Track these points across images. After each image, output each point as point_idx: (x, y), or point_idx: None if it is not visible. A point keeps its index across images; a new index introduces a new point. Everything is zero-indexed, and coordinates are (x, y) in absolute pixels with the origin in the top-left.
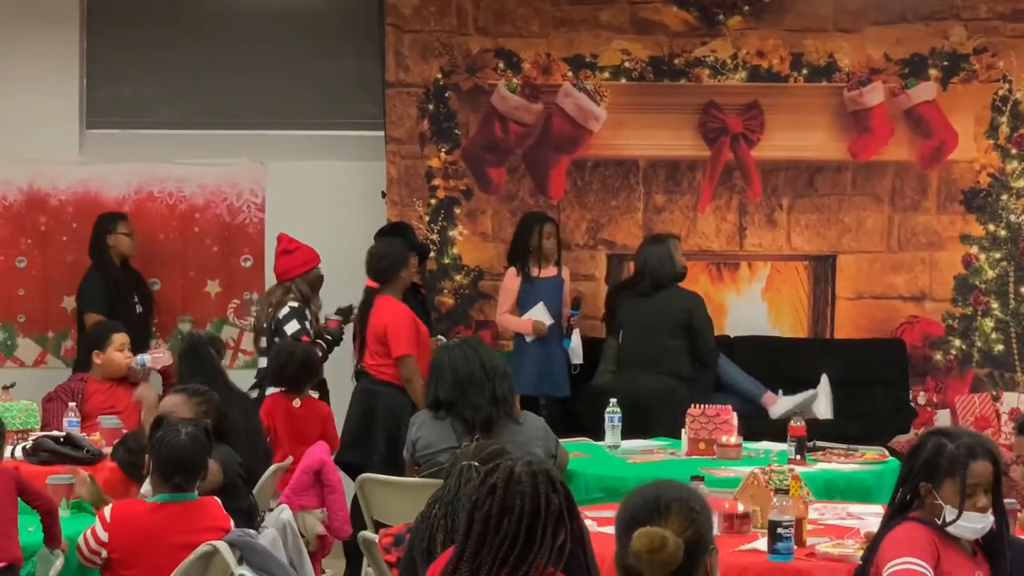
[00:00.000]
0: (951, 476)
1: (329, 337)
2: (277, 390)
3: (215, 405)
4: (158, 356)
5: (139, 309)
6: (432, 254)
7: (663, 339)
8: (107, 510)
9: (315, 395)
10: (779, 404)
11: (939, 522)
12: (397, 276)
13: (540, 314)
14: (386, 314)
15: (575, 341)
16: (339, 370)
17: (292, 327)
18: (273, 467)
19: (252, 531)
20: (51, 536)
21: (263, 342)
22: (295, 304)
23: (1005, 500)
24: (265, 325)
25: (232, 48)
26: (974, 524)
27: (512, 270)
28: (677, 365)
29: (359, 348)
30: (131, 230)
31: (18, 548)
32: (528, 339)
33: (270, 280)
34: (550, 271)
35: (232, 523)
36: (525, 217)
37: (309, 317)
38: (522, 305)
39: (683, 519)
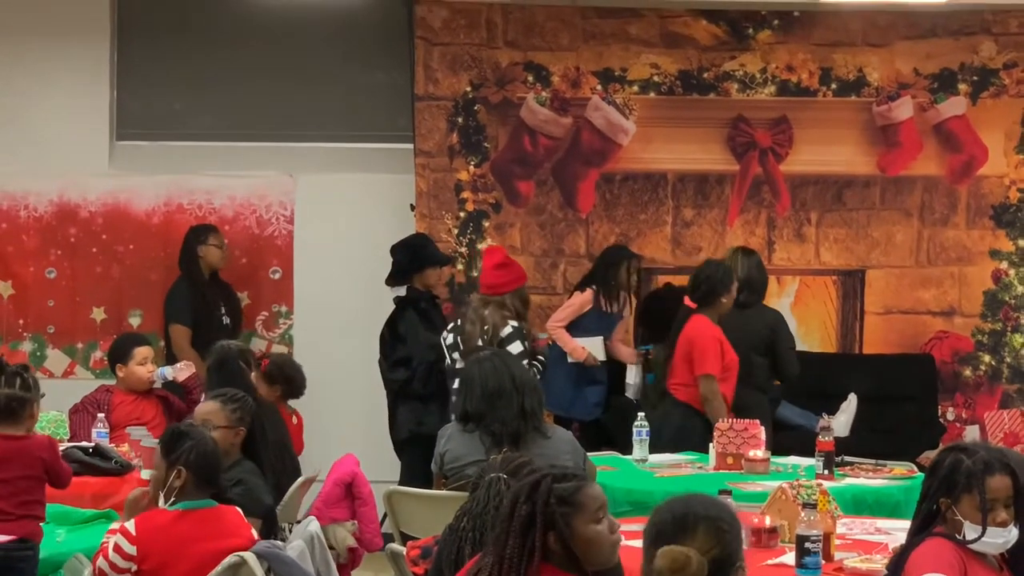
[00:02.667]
0: (968, 492)
1: (541, 358)
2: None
3: (250, 411)
4: (181, 367)
5: (226, 321)
6: (460, 267)
7: (751, 355)
8: (130, 524)
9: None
10: (839, 423)
11: (960, 538)
12: (717, 300)
13: (597, 348)
14: (692, 331)
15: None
16: None
17: (516, 347)
18: (300, 479)
19: (279, 543)
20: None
21: None
22: (516, 323)
23: None
24: (481, 343)
25: (261, 60)
26: (995, 539)
27: (590, 294)
28: (764, 381)
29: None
30: (221, 242)
31: (36, 525)
32: (569, 360)
33: (300, 293)
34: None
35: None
36: (614, 250)
37: (527, 336)
38: (582, 328)
39: (710, 538)
